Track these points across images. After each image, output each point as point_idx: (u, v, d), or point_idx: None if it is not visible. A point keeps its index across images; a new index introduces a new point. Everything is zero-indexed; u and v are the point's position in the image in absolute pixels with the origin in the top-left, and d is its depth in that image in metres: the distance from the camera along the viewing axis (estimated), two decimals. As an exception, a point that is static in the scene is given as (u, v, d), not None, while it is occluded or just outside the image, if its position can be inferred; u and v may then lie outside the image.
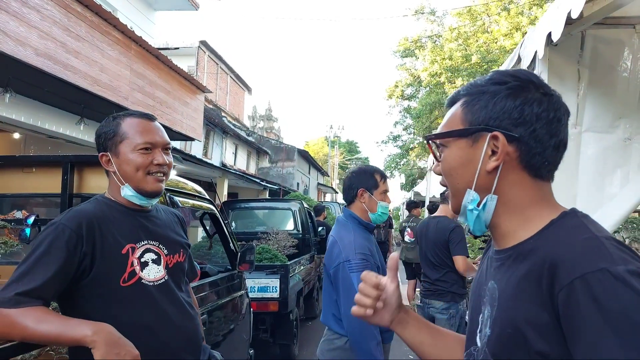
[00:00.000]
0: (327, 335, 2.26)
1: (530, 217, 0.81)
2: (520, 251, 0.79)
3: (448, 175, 0.88)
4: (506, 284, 0.79)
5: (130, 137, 1.48)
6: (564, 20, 2.15)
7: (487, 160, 0.81)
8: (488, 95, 0.81)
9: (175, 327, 1.49)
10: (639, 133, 2.61)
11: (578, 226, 0.75)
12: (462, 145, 0.84)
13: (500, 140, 0.79)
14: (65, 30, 5.26)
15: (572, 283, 0.66)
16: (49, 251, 1.32)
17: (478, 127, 0.81)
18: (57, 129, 6.50)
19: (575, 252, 0.69)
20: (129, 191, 1.49)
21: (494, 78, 0.83)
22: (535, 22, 15.41)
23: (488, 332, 0.80)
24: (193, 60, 19.67)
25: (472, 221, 0.84)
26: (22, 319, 1.21)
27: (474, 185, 0.83)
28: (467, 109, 0.84)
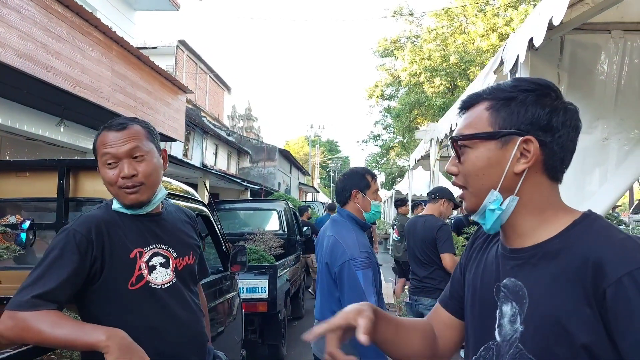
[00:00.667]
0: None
1: (548, 217, 0.86)
2: (547, 250, 0.84)
3: (472, 175, 0.89)
4: (537, 281, 0.83)
5: (100, 152, 1.47)
6: (545, 26, 2.25)
7: (515, 162, 0.85)
8: (517, 102, 0.86)
9: (182, 329, 1.52)
10: (616, 133, 2.74)
11: (608, 227, 0.81)
12: (491, 147, 0.87)
13: (533, 144, 0.84)
14: (46, 31, 5.18)
15: (620, 280, 0.72)
16: (62, 255, 1.34)
17: (510, 130, 0.85)
18: (35, 131, 6.39)
19: (618, 251, 0.75)
20: (117, 204, 1.51)
21: (521, 85, 0.87)
22: (510, 23, 15.77)
23: (520, 328, 0.84)
24: (171, 59, 19.47)
25: (491, 220, 0.88)
26: (37, 322, 1.23)
27: (499, 186, 0.86)
28: (496, 113, 0.87)
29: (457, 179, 0.93)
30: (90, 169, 2.28)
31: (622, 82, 2.78)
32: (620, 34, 2.79)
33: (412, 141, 20.63)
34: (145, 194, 1.48)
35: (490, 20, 16.92)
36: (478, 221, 0.92)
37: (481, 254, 1.03)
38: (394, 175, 29.32)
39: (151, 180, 1.49)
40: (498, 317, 0.89)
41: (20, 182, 2.29)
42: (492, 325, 0.90)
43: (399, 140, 24.17)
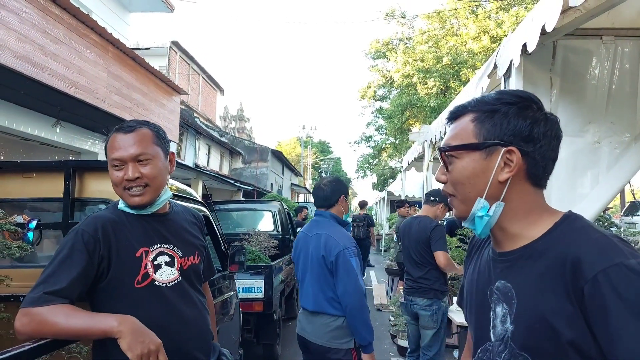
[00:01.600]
0: (321, 321, 2.57)
1: (533, 220, 0.91)
2: (531, 251, 0.88)
3: (459, 184, 0.94)
4: (524, 281, 0.87)
5: (108, 154, 1.52)
6: (539, 31, 2.32)
7: (499, 171, 0.90)
8: (500, 114, 0.91)
9: (187, 326, 1.56)
10: (607, 137, 2.80)
11: (586, 227, 0.86)
12: (476, 157, 0.92)
13: (515, 154, 0.89)
14: (44, 33, 5.19)
15: (595, 277, 0.76)
16: (71, 254, 1.40)
17: (494, 141, 0.90)
18: (32, 132, 6.38)
19: (594, 250, 0.79)
20: (122, 204, 1.56)
21: (503, 98, 0.92)
22: (502, 25, 15.92)
23: (510, 327, 0.88)
24: (164, 60, 19.42)
25: (480, 226, 0.92)
26: (52, 316, 1.28)
27: (485, 194, 0.91)
28: (480, 125, 0.92)
29: (446, 187, 0.98)
30: (96, 170, 2.32)
31: (613, 87, 2.85)
32: (611, 40, 2.86)
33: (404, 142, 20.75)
34: (148, 196, 1.52)
35: (481, 23, 17.07)
36: (468, 227, 0.96)
37: (475, 259, 1.08)
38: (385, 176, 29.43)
39: (155, 183, 1.53)
40: (492, 318, 0.93)
41: (26, 183, 2.32)
42: (488, 327, 0.94)
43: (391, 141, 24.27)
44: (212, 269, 1.95)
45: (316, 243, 2.62)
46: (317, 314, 2.59)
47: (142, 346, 1.28)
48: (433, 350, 3.76)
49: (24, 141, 6.85)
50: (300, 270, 2.74)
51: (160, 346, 1.33)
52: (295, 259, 2.85)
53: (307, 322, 2.64)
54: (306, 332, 2.64)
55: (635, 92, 2.84)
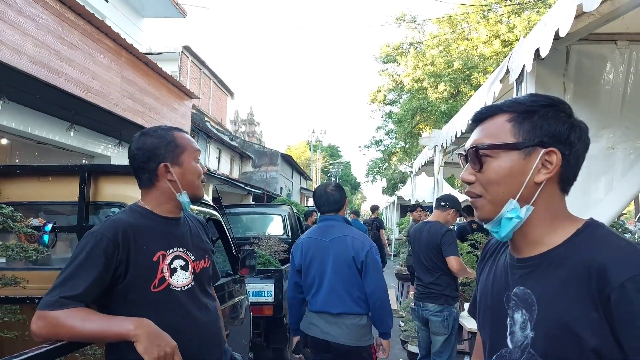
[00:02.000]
0: (348, 321, 2.67)
1: (556, 226, 0.90)
2: (553, 258, 0.88)
3: (493, 184, 0.92)
4: (545, 288, 0.87)
5: (189, 149, 1.62)
6: (552, 36, 2.31)
7: (536, 172, 0.90)
8: (539, 115, 0.91)
9: (201, 330, 1.58)
10: (621, 142, 2.78)
11: (609, 234, 0.86)
12: (515, 157, 0.90)
13: (556, 156, 0.89)
14: (59, 38, 5.27)
15: (623, 285, 0.76)
16: (89, 258, 1.40)
17: (534, 142, 0.90)
18: (46, 135, 6.47)
19: (620, 257, 0.79)
20: (186, 198, 1.60)
21: (539, 100, 0.93)
22: (513, 30, 15.85)
23: (531, 334, 0.87)
24: (176, 65, 19.58)
25: (507, 229, 0.91)
26: (68, 319, 1.30)
27: (518, 195, 0.90)
28: (519, 125, 0.91)
29: (473, 188, 0.95)
30: (110, 174, 2.35)
31: (628, 92, 2.82)
32: (625, 45, 2.84)
33: (414, 147, 20.69)
34: None
35: (493, 27, 17.01)
36: (491, 229, 0.95)
37: (490, 264, 1.07)
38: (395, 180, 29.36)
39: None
40: (509, 325, 0.92)
41: (42, 186, 2.36)
42: (504, 333, 0.93)
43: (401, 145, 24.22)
44: (217, 274, 1.98)
45: (342, 246, 2.70)
46: (343, 315, 2.67)
47: (158, 349, 1.30)
48: (444, 357, 3.73)
49: (39, 144, 6.94)
50: (316, 275, 2.75)
51: (176, 348, 1.34)
52: (304, 264, 2.81)
53: (330, 324, 2.69)
54: (330, 335, 2.68)
55: (650, 98, 2.81)
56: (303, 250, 2.83)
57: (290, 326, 3.05)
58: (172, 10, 11.89)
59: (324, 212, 2.87)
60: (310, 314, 2.81)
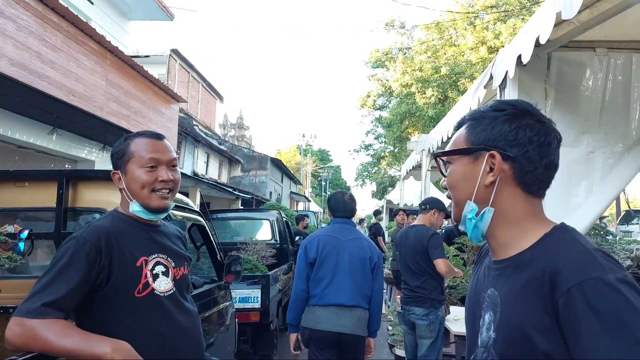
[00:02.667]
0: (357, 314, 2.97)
1: (525, 230, 0.91)
2: (519, 261, 0.89)
3: (452, 188, 0.99)
4: (508, 291, 0.88)
5: (137, 156, 1.55)
6: (532, 43, 2.34)
7: (485, 175, 0.92)
8: (488, 120, 0.94)
9: (184, 335, 1.57)
10: (601, 147, 2.82)
11: (571, 240, 0.86)
12: (465, 162, 0.96)
13: (496, 158, 0.91)
14: (41, 40, 5.21)
15: (569, 290, 0.76)
16: (71, 263, 1.37)
17: (478, 146, 0.94)
18: (27, 139, 6.37)
19: (572, 263, 0.80)
20: (136, 207, 1.55)
21: (495, 106, 0.96)
22: (499, 36, 16.05)
23: (493, 335, 0.89)
24: (164, 68, 19.48)
25: (470, 229, 0.95)
26: (44, 331, 1.26)
27: (473, 197, 0.94)
28: (470, 131, 0.96)
29: (447, 192, 1.02)
30: (90, 180, 2.32)
31: (607, 98, 2.87)
32: (604, 52, 2.89)
33: (403, 151, 20.80)
34: (170, 201, 1.60)
35: (479, 34, 17.21)
36: (463, 230, 0.99)
37: (478, 267, 1.09)
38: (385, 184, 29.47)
39: (176, 189, 1.63)
40: (480, 325, 0.95)
41: (19, 192, 2.31)
42: (477, 334, 0.96)
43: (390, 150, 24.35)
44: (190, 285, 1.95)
45: (359, 246, 3.06)
46: (353, 308, 2.94)
47: None
48: (431, 358, 3.73)
49: (20, 149, 6.84)
50: (329, 269, 2.99)
51: None
52: (319, 258, 3.01)
53: (343, 316, 2.92)
54: (343, 327, 2.91)
55: (627, 104, 2.87)
56: (320, 245, 3.03)
57: (290, 323, 3.11)
58: (159, 13, 11.83)
59: (339, 216, 3.20)
60: (316, 309, 2.95)
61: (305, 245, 3.12)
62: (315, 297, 2.97)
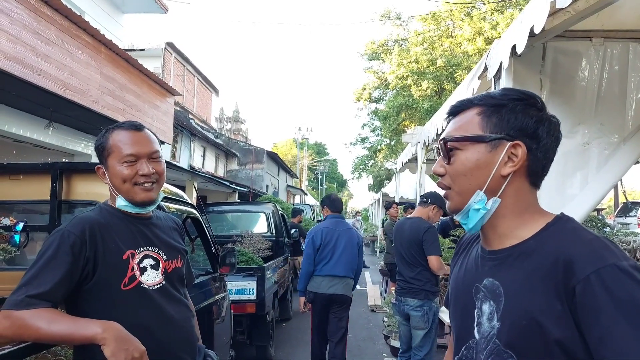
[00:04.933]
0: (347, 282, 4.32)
1: (525, 220, 0.91)
2: (522, 250, 0.89)
3: (460, 176, 0.94)
4: (512, 280, 0.88)
5: (116, 150, 1.51)
6: (527, 33, 2.32)
7: (502, 165, 0.90)
8: (507, 109, 0.91)
9: (173, 328, 1.56)
10: (596, 138, 2.82)
11: (578, 228, 0.87)
12: (481, 149, 0.92)
13: (521, 149, 0.89)
14: (35, 34, 5.16)
15: (588, 277, 0.77)
16: (56, 256, 1.37)
17: (501, 135, 0.91)
18: (24, 133, 6.34)
19: (587, 250, 0.80)
20: (122, 201, 1.54)
21: (510, 94, 0.93)
22: (496, 27, 15.99)
23: (497, 324, 0.88)
24: (159, 62, 19.36)
25: (474, 220, 0.93)
26: (34, 320, 1.26)
27: (485, 187, 0.91)
28: (487, 118, 0.93)
29: (444, 180, 0.97)
30: (83, 172, 2.31)
31: (603, 88, 2.86)
32: (600, 41, 2.88)
33: (399, 144, 20.79)
34: (155, 193, 1.56)
35: (476, 24, 17.14)
36: (460, 221, 0.96)
37: (462, 257, 1.08)
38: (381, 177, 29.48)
39: (162, 180, 1.59)
40: (477, 316, 0.94)
41: (13, 185, 2.30)
42: (472, 325, 0.95)
43: (387, 142, 24.35)
44: (192, 275, 1.94)
45: (349, 235, 4.35)
46: (344, 277, 4.27)
47: (125, 353, 1.27)
48: (424, 351, 3.76)
49: (16, 143, 6.80)
50: (329, 251, 4.25)
51: (144, 353, 1.31)
52: (322, 244, 4.27)
53: (336, 282, 4.24)
54: (337, 289, 4.24)
55: (624, 94, 2.86)
56: (323, 235, 4.30)
57: (300, 290, 4.46)
58: (153, 6, 11.74)
59: (334, 211, 4.48)
60: (318, 278, 4.26)
61: (312, 235, 4.37)
62: (318, 270, 4.26)
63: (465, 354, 0.96)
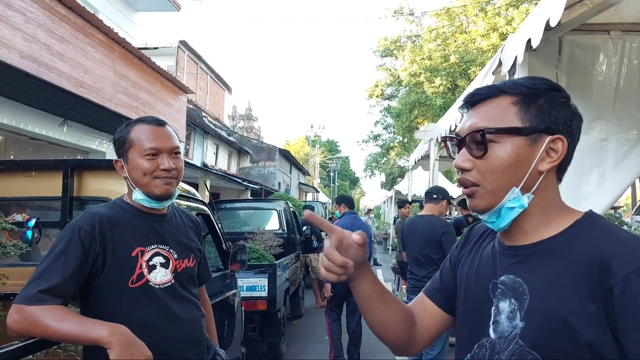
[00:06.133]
0: None
1: (552, 216, 0.87)
2: (549, 247, 0.84)
3: (496, 172, 0.86)
4: (539, 278, 0.83)
5: (137, 144, 1.52)
6: (542, 27, 2.27)
7: (541, 161, 0.85)
8: (545, 100, 0.85)
9: (180, 328, 1.55)
10: (614, 134, 2.75)
11: (611, 225, 0.83)
12: (521, 143, 0.85)
13: (563, 144, 0.84)
14: (49, 32, 5.22)
15: (627, 277, 0.73)
16: (66, 250, 1.38)
17: (541, 128, 0.84)
18: (39, 131, 6.42)
19: (625, 249, 0.76)
20: (139, 195, 1.53)
21: (542, 84, 0.87)
22: (511, 22, 15.77)
23: (520, 324, 0.83)
24: (172, 60, 19.50)
25: (507, 219, 0.87)
26: (43, 317, 1.27)
27: (522, 183, 0.85)
28: (525, 109, 0.85)
29: (469, 175, 0.88)
30: (94, 169, 2.32)
31: (621, 83, 2.79)
32: (619, 35, 2.80)
33: (412, 141, 20.65)
34: (174, 188, 1.56)
35: (491, 20, 16.94)
36: (486, 220, 0.90)
37: (475, 251, 1.01)
38: (394, 175, 29.37)
39: (180, 177, 1.59)
40: (494, 314, 0.88)
41: (26, 182, 2.32)
42: (487, 323, 0.89)
43: (399, 140, 24.19)
44: (209, 272, 1.92)
45: (364, 228, 4.82)
46: None
47: (130, 358, 1.26)
48: (436, 349, 3.72)
49: (32, 141, 6.90)
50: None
51: (151, 357, 1.30)
52: None
53: None
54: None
55: (643, 89, 2.78)
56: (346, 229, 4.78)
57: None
58: (165, 4, 11.80)
59: (350, 208, 5.21)
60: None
61: None
62: None
63: (478, 353, 0.91)
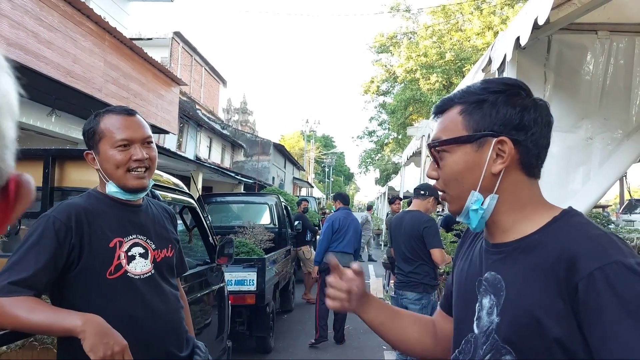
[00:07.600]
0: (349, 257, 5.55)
1: (529, 213, 0.88)
2: (526, 244, 0.86)
3: (452, 180, 0.91)
4: (514, 274, 0.85)
5: (108, 135, 1.48)
6: (531, 25, 2.27)
7: (492, 163, 0.87)
8: (488, 104, 0.87)
9: (160, 319, 1.53)
10: (600, 133, 2.76)
11: (585, 223, 0.83)
12: (468, 150, 0.89)
13: (507, 145, 0.86)
14: (37, 20, 5.15)
15: (592, 274, 0.73)
16: (40, 242, 1.35)
17: (484, 132, 0.87)
18: (27, 121, 6.35)
19: (592, 247, 0.77)
20: (113, 187, 1.51)
21: (490, 87, 0.89)
22: (507, 21, 15.79)
23: (496, 319, 0.86)
24: (166, 51, 19.34)
25: (475, 220, 0.90)
26: (14, 308, 1.25)
27: (478, 187, 0.88)
28: (469, 117, 0.89)
29: (438, 184, 0.95)
30: (76, 159, 2.29)
31: (607, 83, 2.80)
32: (606, 35, 2.81)
33: (406, 138, 20.67)
34: (148, 179, 1.53)
35: (486, 18, 16.97)
36: (463, 221, 0.94)
37: (468, 251, 1.05)
38: (388, 171, 29.42)
39: (154, 166, 1.56)
40: (477, 310, 0.91)
41: None
42: (472, 318, 0.92)
43: (394, 136, 24.24)
44: (184, 265, 1.91)
45: (356, 224, 5.82)
46: (350, 254, 5.59)
47: (105, 347, 1.23)
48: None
49: (20, 130, 6.81)
50: (342, 234, 5.59)
51: (126, 347, 1.28)
52: (339, 228, 5.60)
53: (344, 257, 5.36)
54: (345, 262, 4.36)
55: (629, 89, 2.80)
56: (340, 221, 5.64)
57: (317, 261, 5.74)
58: (159, -6, 11.70)
59: (345, 204, 6.00)
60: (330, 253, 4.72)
61: (332, 221, 5.68)
62: (332, 247, 5.51)
63: (465, 348, 0.94)
